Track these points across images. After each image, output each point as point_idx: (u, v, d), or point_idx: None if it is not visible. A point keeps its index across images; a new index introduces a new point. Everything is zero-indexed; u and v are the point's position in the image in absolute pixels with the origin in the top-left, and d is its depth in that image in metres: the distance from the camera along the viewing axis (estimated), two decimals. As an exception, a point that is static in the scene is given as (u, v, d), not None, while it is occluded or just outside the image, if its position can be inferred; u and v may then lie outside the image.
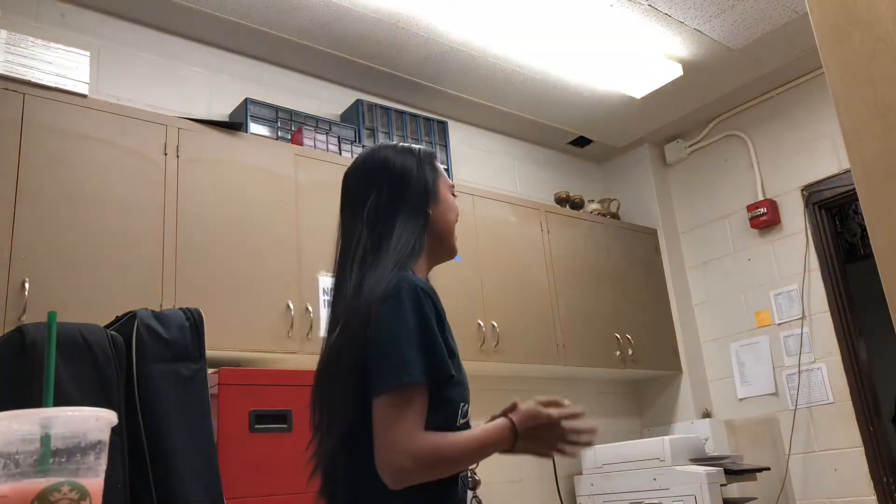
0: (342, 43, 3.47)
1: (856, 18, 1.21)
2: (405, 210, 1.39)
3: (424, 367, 1.20)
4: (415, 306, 1.23)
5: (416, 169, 1.45)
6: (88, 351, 1.46)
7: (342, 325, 1.30)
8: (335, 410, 1.27)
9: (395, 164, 1.44)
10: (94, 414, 0.69)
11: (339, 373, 1.26)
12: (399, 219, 1.38)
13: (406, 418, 1.17)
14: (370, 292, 1.26)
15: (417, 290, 1.25)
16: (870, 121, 1.18)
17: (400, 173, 1.43)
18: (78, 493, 0.65)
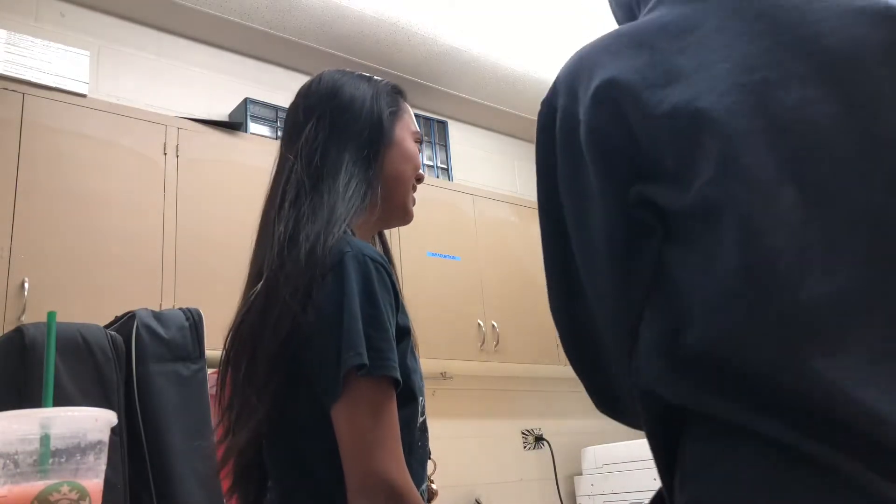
0: (342, 43, 3.47)
1: (856, 18, 1.21)
2: (350, 146, 1.11)
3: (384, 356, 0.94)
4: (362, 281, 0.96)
5: (368, 100, 1.15)
6: (88, 351, 1.46)
7: (266, 285, 1.07)
8: (250, 391, 0.99)
9: (344, 91, 1.16)
10: (94, 414, 0.69)
11: (260, 347, 1.00)
12: (345, 157, 1.10)
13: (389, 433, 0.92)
14: (309, 252, 0.99)
15: (366, 260, 0.98)
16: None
17: (348, 101, 1.14)
18: (78, 494, 0.65)
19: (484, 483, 3.53)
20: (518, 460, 3.67)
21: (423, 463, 1.03)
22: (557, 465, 3.83)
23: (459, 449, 3.53)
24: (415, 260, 3.26)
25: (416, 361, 1.05)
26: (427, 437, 1.06)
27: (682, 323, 0.65)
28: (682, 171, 0.68)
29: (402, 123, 1.18)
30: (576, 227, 0.78)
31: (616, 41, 0.78)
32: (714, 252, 0.64)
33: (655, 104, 0.70)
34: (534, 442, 3.85)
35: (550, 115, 0.85)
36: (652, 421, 0.71)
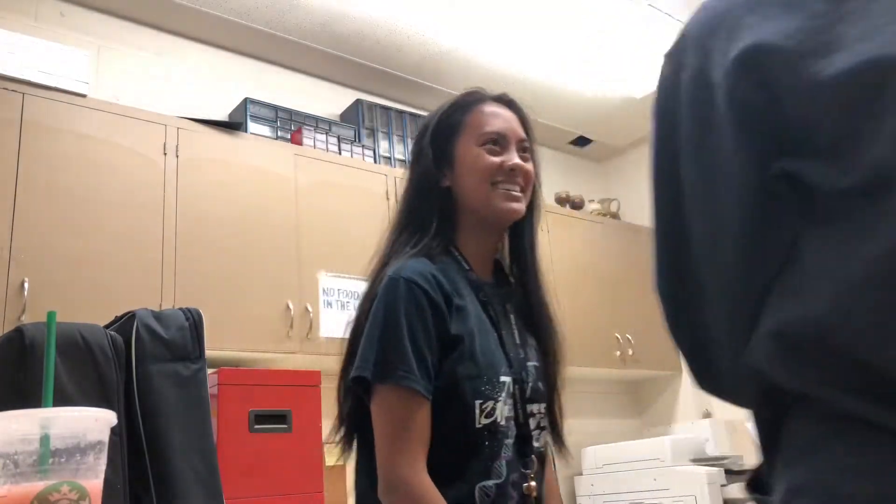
0: (342, 43, 3.47)
1: (856, 18, 1.21)
2: (408, 195, 1.27)
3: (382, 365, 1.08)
4: (388, 301, 1.12)
5: (423, 136, 1.28)
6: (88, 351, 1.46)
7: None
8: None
9: (416, 136, 1.31)
10: (94, 414, 0.69)
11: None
12: (404, 208, 1.26)
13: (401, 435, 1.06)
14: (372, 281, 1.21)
15: (398, 282, 1.13)
16: (870, 120, 1.18)
17: (413, 148, 1.30)
18: (77, 494, 0.65)
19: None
20: (518, 460, 3.66)
21: (489, 461, 1.09)
22: (557, 465, 3.82)
23: (459, 449, 3.53)
24: (415, 260, 3.26)
25: (481, 366, 1.11)
26: (503, 438, 1.11)
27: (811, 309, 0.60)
28: (844, 145, 0.61)
29: (464, 137, 1.24)
30: (700, 199, 0.72)
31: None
32: (868, 233, 0.58)
33: (815, 73, 0.62)
34: (534, 442, 3.84)
35: (675, 73, 0.78)
36: (759, 401, 0.68)
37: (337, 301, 2.98)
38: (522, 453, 1.12)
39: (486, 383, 1.11)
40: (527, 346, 1.22)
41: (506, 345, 1.17)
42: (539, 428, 1.17)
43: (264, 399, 2.48)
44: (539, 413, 1.18)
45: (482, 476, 1.08)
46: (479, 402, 1.09)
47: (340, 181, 3.16)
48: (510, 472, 1.09)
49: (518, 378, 1.15)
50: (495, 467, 1.09)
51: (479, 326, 1.15)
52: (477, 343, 1.13)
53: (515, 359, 1.17)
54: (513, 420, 1.12)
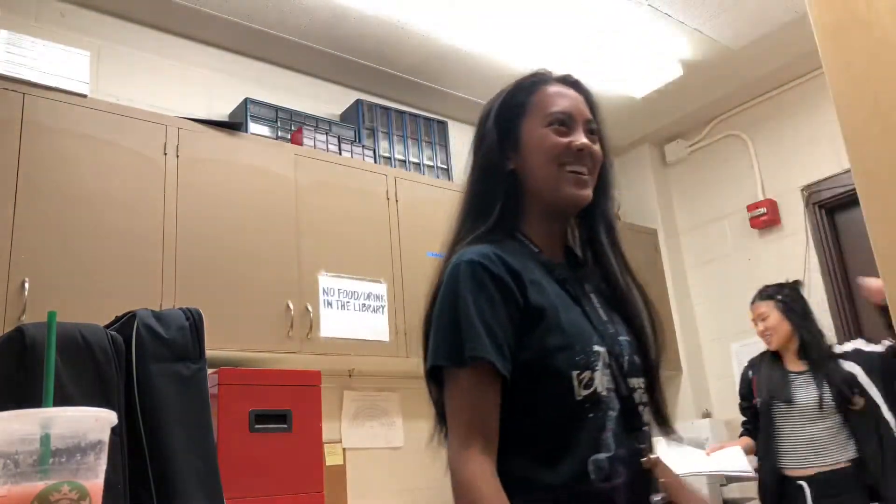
0: (342, 43, 3.47)
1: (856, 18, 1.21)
2: (472, 180, 1.23)
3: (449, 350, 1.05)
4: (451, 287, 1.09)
5: (486, 119, 1.25)
6: (88, 351, 1.46)
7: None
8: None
9: (479, 119, 1.26)
10: (94, 414, 0.69)
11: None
12: (468, 193, 1.23)
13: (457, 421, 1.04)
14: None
15: (459, 266, 1.10)
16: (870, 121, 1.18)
17: (476, 132, 1.26)
18: (78, 494, 0.65)
19: (484, 483, 3.53)
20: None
21: (596, 433, 1.05)
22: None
23: (459, 449, 3.53)
24: (415, 260, 3.26)
25: (570, 336, 1.07)
26: (606, 409, 1.06)
27: None
28: None
29: (530, 118, 1.20)
30: None
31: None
32: None
33: None
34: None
35: None
36: None
37: (337, 301, 2.98)
38: (630, 427, 1.08)
39: (580, 353, 1.06)
40: (615, 322, 1.17)
41: (592, 319, 1.12)
42: (642, 403, 1.12)
43: (264, 399, 2.48)
44: (640, 388, 1.13)
45: (592, 449, 1.03)
46: (576, 373, 1.05)
47: (340, 181, 3.16)
48: (617, 447, 1.04)
49: (612, 350, 1.10)
50: (604, 440, 1.04)
51: (560, 301, 1.10)
52: (561, 314, 1.08)
53: (605, 332, 1.12)
54: (614, 392, 1.08)
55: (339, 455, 3.14)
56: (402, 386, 3.42)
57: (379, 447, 3.29)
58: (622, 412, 1.07)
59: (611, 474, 1.02)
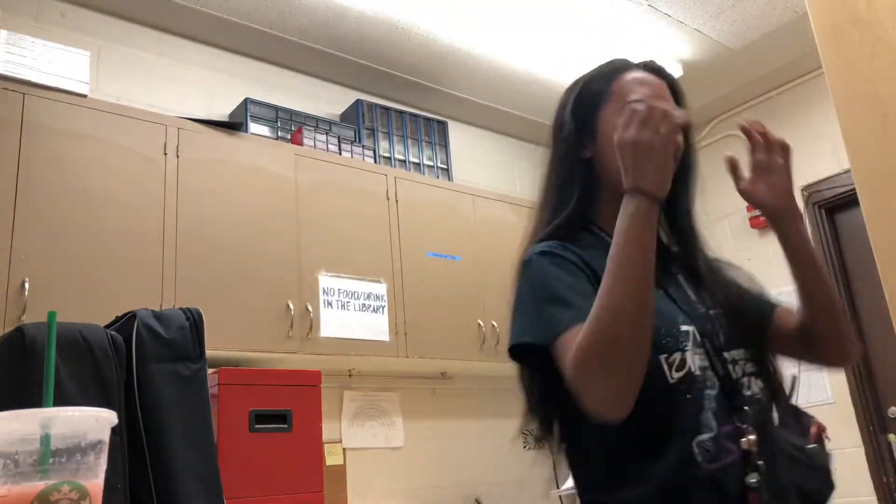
0: (342, 43, 3.47)
1: (856, 18, 1.21)
2: (549, 170, 1.22)
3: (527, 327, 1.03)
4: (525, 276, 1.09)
5: (564, 108, 1.22)
6: (88, 351, 1.46)
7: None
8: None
9: (556, 109, 1.23)
10: (94, 414, 0.69)
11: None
12: (546, 184, 1.22)
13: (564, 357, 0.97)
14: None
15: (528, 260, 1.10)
16: (870, 121, 1.18)
17: (554, 121, 1.23)
18: (78, 494, 0.65)
19: (484, 483, 3.53)
20: (518, 460, 3.66)
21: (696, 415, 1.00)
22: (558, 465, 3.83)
23: (459, 449, 3.53)
24: (415, 260, 3.26)
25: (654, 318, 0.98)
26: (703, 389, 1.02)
27: None
28: None
29: (609, 106, 1.16)
30: None
31: None
32: None
33: None
34: (534, 442, 3.84)
35: None
36: None
37: (337, 301, 2.98)
38: (731, 405, 1.02)
39: (666, 336, 1.02)
40: (704, 299, 1.12)
41: (677, 300, 1.08)
42: (747, 375, 1.07)
43: (264, 399, 2.48)
44: (742, 359, 1.08)
45: (694, 431, 0.99)
46: (665, 357, 1.00)
47: (340, 181, 3.16)
48: (720, 425, 0.99)
49: (703, 329, 1.05)
50: (704, 420, 0.99)
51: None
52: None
53: (693, 311, 1.08)
54: (710, 370, 1.03)
55: (339, 455, 3.14)
56: (402, 386, 3.42)
57: (379, 447, 3.29)
58: (722, 389, 1.03)
59: (717, 454, 0.98)
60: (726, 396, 1.02)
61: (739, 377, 1.06)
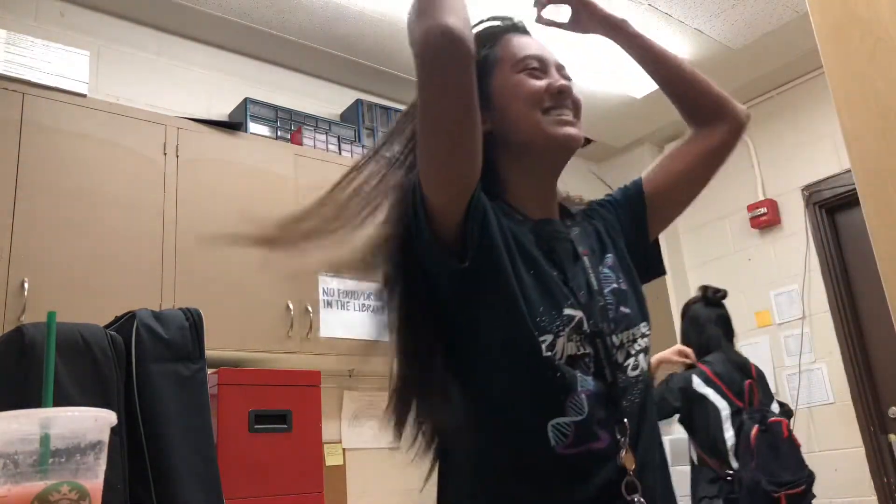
0: (342, 43, 3.47)
1: (856, 18, 1.21)
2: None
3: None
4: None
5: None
6: (88, 351, 1.46)
7: None
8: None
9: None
10: (94, 414, 0.69)
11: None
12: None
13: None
14: None
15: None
16: (870, 121, 1.18)
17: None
18: (77, 494, 0.65)
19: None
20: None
21: (561, 396, 0.95)
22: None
23: (459, 449, 3.53)
24: (415, 260, 3.26)
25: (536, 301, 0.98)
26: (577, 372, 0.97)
27: None
28: None
29: (498, 71, 1.11)
30: None
31: None
32: None
33: None
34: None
35: None
36: None
37: (337, 301, 2.98)
38: (610, 390, 0.98)
39: (544, 315, 0.97)
40: (610, 276, 1.08)
41: (572, 283, 1.02)
42: (634, 354, 1.03)
43: (264, 399, 2.48)
44: (633, 338, 1.04)
45: (554, 414, 0.94)
46: (537, 334, 0.96)
47: (340, 181, 3.16)
48: (594, 410, 0.95)
49: (592, 313, 1.01)
50: (571, 404, 0.95)
51: (534, 267, 1.01)
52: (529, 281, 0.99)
53: (586, 294, 1.03)
54: (587, 357, 0.99)
55: (339, 455, 3.14)
56: (402, 386, 3.42)
57: (379, 447, 3.29)
58: (601, 377, 0.98)
59: (577, 440, 0.94)
60: (606, 384, 0.98)
61: (623, 361, 1.01)
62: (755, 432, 2.76)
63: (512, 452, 0.96)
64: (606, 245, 1.13)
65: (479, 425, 0.98)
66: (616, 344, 1.01)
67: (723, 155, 1.22)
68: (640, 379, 1.02)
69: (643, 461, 0.97)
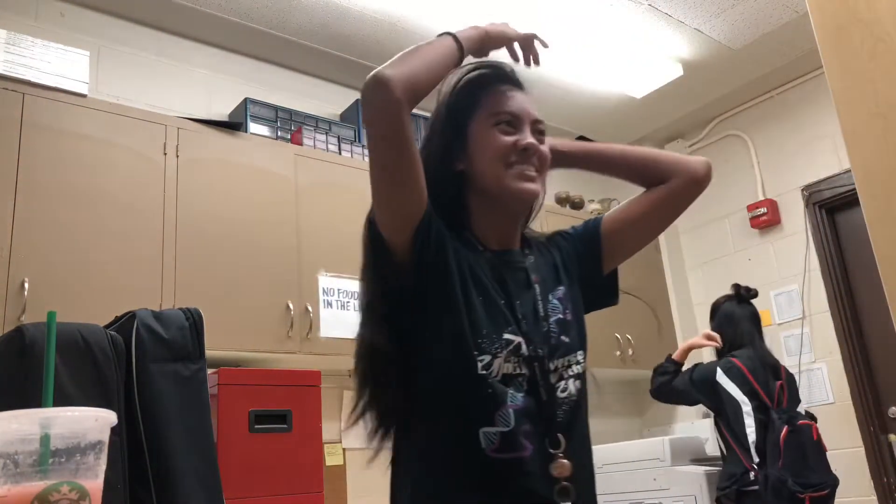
0: (342, 43, 3.47)
1: (856, 18, 1.21)
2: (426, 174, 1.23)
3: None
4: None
5: (434, 121, 1.25)
6: (88, 351, 1.46)
7: None
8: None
9: (431, 118, 1.27)
10: (94, 414, 0.69)
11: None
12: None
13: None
14: None
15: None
16: (870, 121, 1.18)
17: (428, 131, 1.27)
18: (77, 494, 0.65)
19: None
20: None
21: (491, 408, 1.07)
22: (557, 465, 3.83)
23: (459, 449, 3.53)
24: (415, 260, 3.26)
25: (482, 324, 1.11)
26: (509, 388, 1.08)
27: None
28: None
29: (478, 119, 1.20)
30: None
31: None
32: None
33: None
34: (534, 442, 3.84)
35: None
36: None
37: (337, 301, 2.98)
38: (542, 408, 1.09)
39: (486, 338, 1.09)
40: (558, 305, 1.19)
41: (518, 310, 1.14)
42: (566, 378, 1.14)
43: (264, 399, 2.48)
44: (568, 364, 1.15)
45: (485, 422, 1.06)
46: (476, 354, 1.08)
47: (340, 181, 3.16)
48: (521, 423, 1.06)
49: (531, 339, 1.12)
50: (500, 416, 1.06)
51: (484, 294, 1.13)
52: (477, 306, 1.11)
53: (532, 320, 1.14)
54: (522, 376, 1.10)
55: (339, 455, 3.14)
56: (402, 386, 3.41)
57: (379, 447, 3.28)
58: (534, 394, 1.09)
59: (502, 448, 1.05)
60: (537, 401, 1.09)
61: (555, 382, 1.12)
62: (785, 432, 2.80)
63: (447, 453, 1.08)
64: (560, 276, 1.24)
65: (421, 431, 1.11)
66: (552, 368, 1.13)
67: (679, 207, 1.30)
68: (566, 400, 1.12)
69: (574, 473, 1.07)
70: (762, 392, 2.95)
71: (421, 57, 1.10)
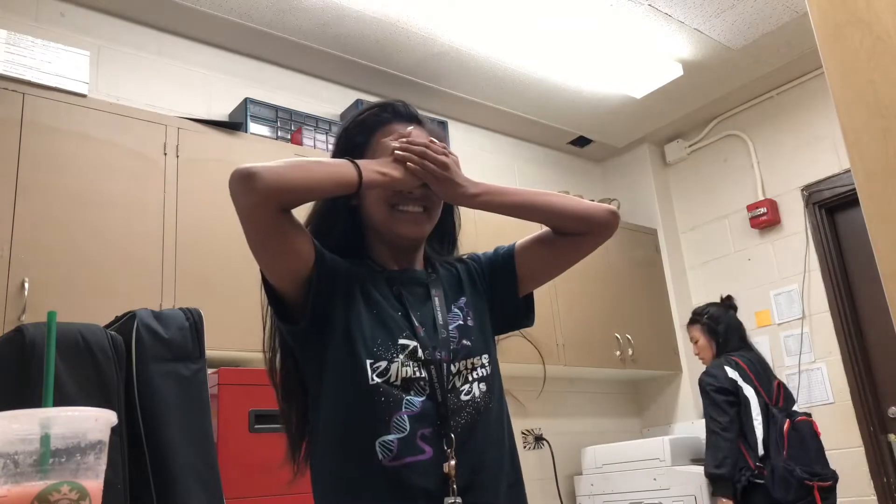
0: (342, 43, 3.47)
1: (856, 18, 1.21)
2: (318, 210, 1.30)
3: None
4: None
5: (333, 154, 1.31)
6: (88, 351, 1.46)
7: None
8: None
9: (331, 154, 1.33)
10: (94, 414, 0.69)
11: None
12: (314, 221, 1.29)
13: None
14: None
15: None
16: (870, 121, 1.18)
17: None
18: (78, 494, 0.65)
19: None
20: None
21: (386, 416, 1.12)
22: (557, 465, 3.83)
23: (459, 449, 3.53)
24: (415, 260, 3.26)
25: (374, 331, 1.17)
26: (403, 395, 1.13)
27: None
28: None
29: (368, 156, 1.24)
30: None
31: None
32: None
33: None
34: (534, 442, 3.85)
35: None
36: None
37: (337, 301, 2.98)
38: (440, 410, 1.13)
39: (381, 346, 1.15)
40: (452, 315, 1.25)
41: (414, 317, 1.19)
42: (471, 381, 1.19)
43: (264, 399, 2.47)
44: (472, 367, 1.20)
45: (381, 433, 1.10)
46: (371, 362, 1.13)
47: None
48: (417, 427, 1.11)
49: (428, 345, 1.17)
50: (395, 422, 1.11)
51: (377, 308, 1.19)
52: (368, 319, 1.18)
53: (430, 327, 1.20)
54: (421, 380, 1.14)
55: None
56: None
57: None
58: (433, 398, 1.13)
59: (400, 454, 1.09)
60: (436, 404, 1.13)
61: (460, 385, 1.17)
62: (787, 426, 2.88)
63: (347, 468, 1.12)
64: (464, 287, 1.30)
65: (325, 449, 1.18)
66: (454, 371, 1.17)
67: (585, 252, 1.39)
68: (470, 402, 1.16)
69: (473, 473, 1.12)
70: (762, 390, 2.98)
71: (306, 167, 1.14)
